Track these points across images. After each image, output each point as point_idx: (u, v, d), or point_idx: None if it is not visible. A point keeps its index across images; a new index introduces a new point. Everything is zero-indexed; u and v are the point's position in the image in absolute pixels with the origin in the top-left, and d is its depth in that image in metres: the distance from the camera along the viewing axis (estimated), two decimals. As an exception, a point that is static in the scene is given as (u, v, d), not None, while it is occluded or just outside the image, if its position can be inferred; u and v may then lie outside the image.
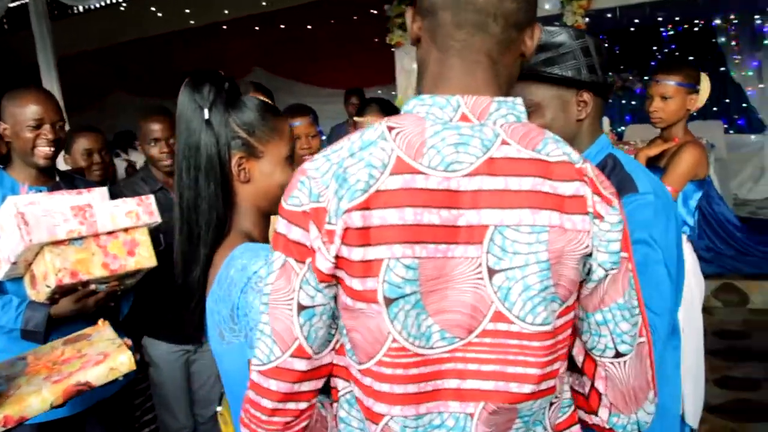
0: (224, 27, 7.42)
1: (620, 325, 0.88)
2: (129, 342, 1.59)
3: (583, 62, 1.30)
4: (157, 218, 1.87)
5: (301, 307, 0.84)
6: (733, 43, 7.04)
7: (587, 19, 4.86)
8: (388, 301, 0.79)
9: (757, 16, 6.77)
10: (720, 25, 7.13)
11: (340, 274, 0.82)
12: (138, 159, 6.51)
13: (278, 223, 0.86)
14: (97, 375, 1.46)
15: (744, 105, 6.94)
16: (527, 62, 0.91)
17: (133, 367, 1.51)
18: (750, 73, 6.92)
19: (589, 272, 0.85)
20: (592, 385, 0.93)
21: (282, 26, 7.36)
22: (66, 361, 1.52)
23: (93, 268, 1.74)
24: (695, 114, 2.58)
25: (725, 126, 6.40)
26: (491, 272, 0.80)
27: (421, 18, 0.87)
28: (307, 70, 7.85)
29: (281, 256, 0.85)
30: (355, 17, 6.84)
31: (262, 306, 0.87)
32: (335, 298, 0.85)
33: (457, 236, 0.79)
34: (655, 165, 2.46)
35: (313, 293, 0.83)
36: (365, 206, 0.78)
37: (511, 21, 0.83)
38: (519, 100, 0.86)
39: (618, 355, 0.89)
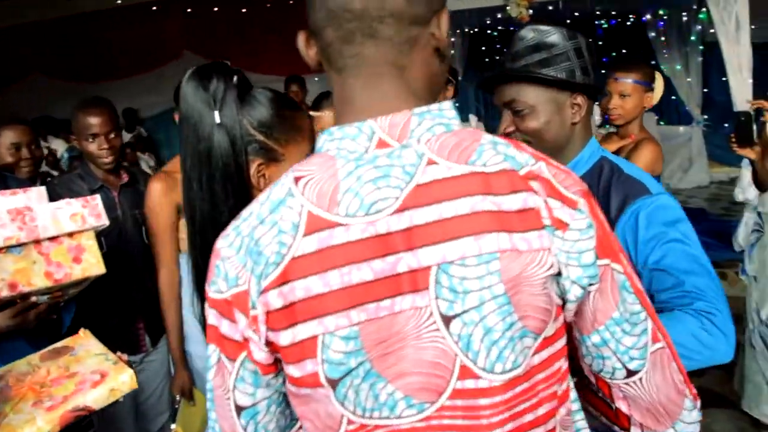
0: (154, 8, 7.01)
1: (623, 341, 0.76)
2: (125, 357, 1.45)
3: (576, 64, 1.26)
4: (104, 220, 1.70)
5: (240, 409, 0.75)
6: (662, 38, 7.32)
7: (531, 11, 4.89)
8: (333, 383, 0.69)
9: (684, 13, 7.06)
10: (650, 20, 7.39)
11: (280, 357, 0.72)
12: (59, 147, 6.10)
13: (208, 314, 0.75)
14: (96, 398, 1.32)
15: (673, 97, 7.23)
16: (446, 55, 0.78)
17: (135, 386, 1.38)
18: (678, 67, 7.22)
19: (564, 293, 0.72)
20: (615, 406, 0.83)
21: (216, 8, 7.05)
22: (55, 382, 1.35)
23: (34, 279, 1.55)
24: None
25: (656, 117, 6.64)
26: (446, 319, 0.68)
27: (315, 41, 0.76)
28: (242, 55, 7.49)
29: (216, 350, 0.76)
30: (291, 1, 6.62)
31: (208, 402, 0.78)
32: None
33: (400, 286, 0.68)
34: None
35: (251, 390, 0.74)
36: (282, 281, 0.68)
37: (405, 18, 0.71)
38: (447, 104, 0.74)
39: (630, 374, 0.78)
